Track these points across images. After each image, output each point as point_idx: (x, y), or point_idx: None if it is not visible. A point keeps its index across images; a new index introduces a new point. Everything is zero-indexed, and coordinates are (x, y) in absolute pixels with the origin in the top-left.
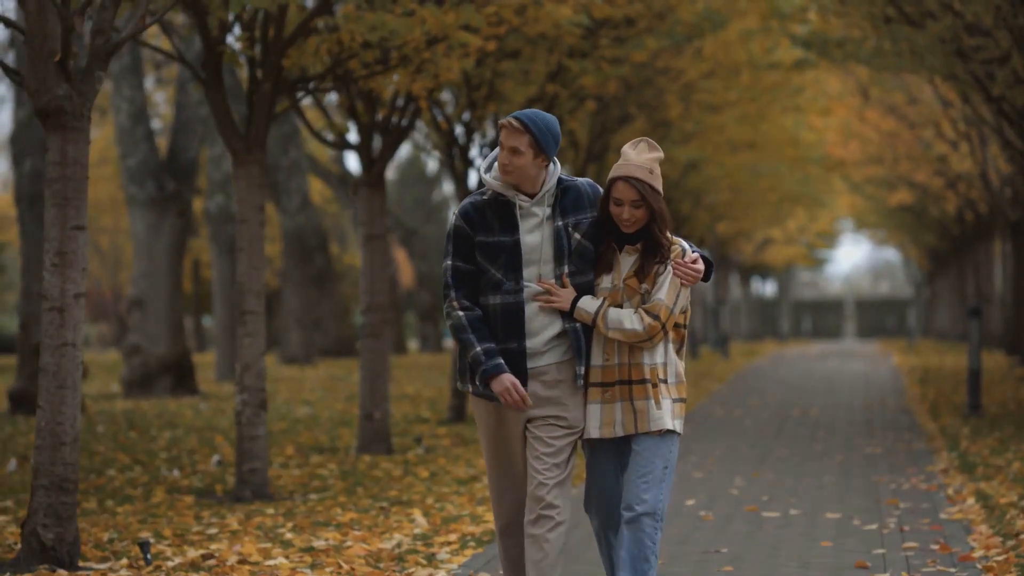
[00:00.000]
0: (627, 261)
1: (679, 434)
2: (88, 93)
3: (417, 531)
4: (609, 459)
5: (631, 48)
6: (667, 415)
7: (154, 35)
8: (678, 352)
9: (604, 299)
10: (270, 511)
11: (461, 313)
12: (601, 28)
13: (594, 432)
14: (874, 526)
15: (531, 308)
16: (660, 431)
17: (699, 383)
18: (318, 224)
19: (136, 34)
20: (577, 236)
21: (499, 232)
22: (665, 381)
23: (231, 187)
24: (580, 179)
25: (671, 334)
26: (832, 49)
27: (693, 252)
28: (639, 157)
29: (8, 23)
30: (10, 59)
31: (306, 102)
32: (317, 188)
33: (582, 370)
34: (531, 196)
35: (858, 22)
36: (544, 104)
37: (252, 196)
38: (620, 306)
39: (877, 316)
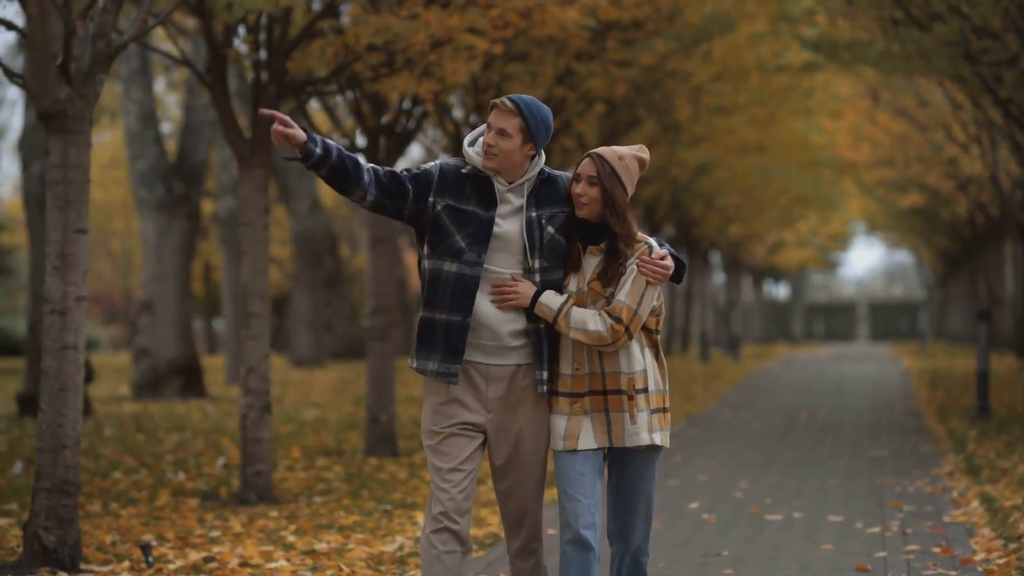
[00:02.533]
0: (591, 263)
1: (663, 448)
2: (90, 96)
3: (419, 534)
4: (584, 467)
5: (639, 51)
6: (643, 429)
7: (164, 38)
8: (656, 358)
9: (569, 296)
10: (274, 514)
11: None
12: (609, 31)
13: (557, 444)
14: (877, 529)
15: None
16: (638, 448)
17: (709, 386)
18: (328, 227)
19: (138, 37)
20: (551, 230)
21: (476, 204)
22: (645, 391)
23: None
24: (562, 173)
25: (644, 339)
26: (840, 52)
27: (662, 249)
28: (620, 148)
29: (10, 26)
30: (19, 63)
31: (315, 105)
32: (327, 191)
33: (544, 375)
34: (510, 183)
35: (866, 25)
36: (552, 106)
37: (256, 199)
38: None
39: (890, 319)
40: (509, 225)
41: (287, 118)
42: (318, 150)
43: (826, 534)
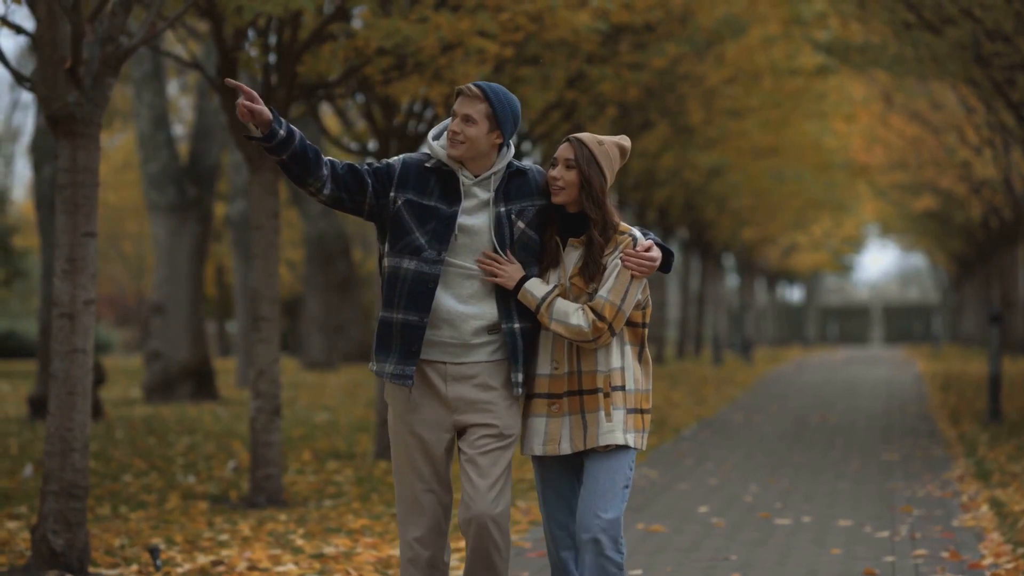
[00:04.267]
0: (572, 256)
1: (636, 449)
2: (99, 100)
3: None
4: (561, 475)
5: (651, 54)
6: (619, 428)
7: (180, 39)
8: (639, 356)
9: (555, 286)
10: (283, 517)
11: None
12: (620, 34)
13: (538, 449)
14: (885, 533)
15: (458, 293)
16: (610, 447)
17: (721, 389)
18: (341, 229)
19: (147, 41)
20: (521, 225)
21: (438, 199)
22: (622, 388)
23: None
24: (532, 165)
25: (627, 335)
26: (853, 55)
27: (648, 240)
28: (601, 136)
29: (19, 30)
30: (29, 67)
31: (327, 109)
32: None
33: (519, 377)
34: (476, 176)
35: (878, 28)
36: (564, 110)
37: (266, 203)
38: None
39: (904, 322)
40: (476, 220)
41: (253, 93)
42: (282, 132)
43: (835, 538)
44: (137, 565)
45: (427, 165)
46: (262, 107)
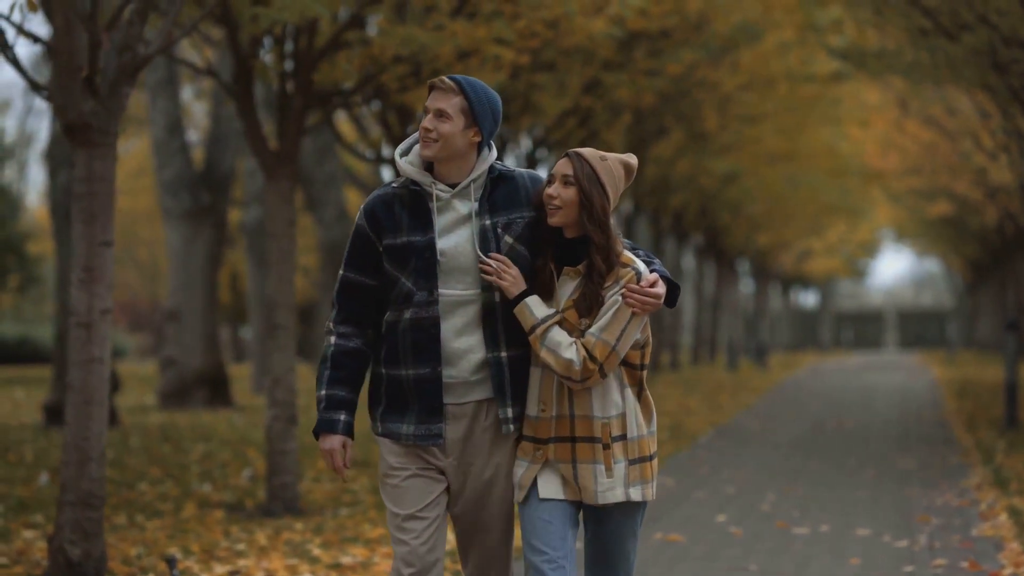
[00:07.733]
0: (566, 287)
1: (645, 503)
2: (115, 109)
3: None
4: (547, 514)
5: (667, 60)
6: (619, 484)
7: (195, 46)
8: (639, 397)
9: (558, 312)
10: (299, 526)
11: (332, 339)
12: (636, 41)
13: (517, 494)
14: (904, 543)
15: (452, 326)
16: (611, 504)
17: (736, 395)
18: None
19: (164, 49)
20: (509, 239)
21: (408, 231)
22: (623, 438)
23: None
24: (521, 169)
25: (625, 376)
26: (869, 61)
27: (653, 272)
28: (607, 152)
29: (35, 39)
30: (45, 75)
31: (343, 116)
32: (355, 200)
33: (508, 413)
34: (453, 187)
35: (894, 34)
36: (579, 116)
37: (282, 211)
38: None
39: (918, 327)
40: (457, 238)
41: (340, 467)
42: (348, 419)
43: (853, 548)
44: (154, 575)
45: (393, 186)
46: (344, 464)
